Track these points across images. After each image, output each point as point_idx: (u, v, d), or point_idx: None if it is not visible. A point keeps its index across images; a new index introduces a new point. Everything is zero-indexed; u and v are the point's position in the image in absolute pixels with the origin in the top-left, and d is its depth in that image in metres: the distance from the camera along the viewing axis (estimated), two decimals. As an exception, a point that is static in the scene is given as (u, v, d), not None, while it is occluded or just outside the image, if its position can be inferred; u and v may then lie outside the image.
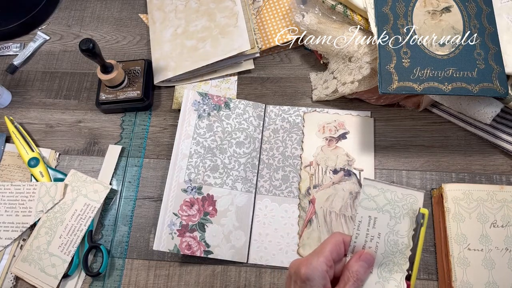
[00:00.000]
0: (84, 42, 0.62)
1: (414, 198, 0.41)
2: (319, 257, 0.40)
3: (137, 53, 0.79)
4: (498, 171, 0.64)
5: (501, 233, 0.55)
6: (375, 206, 0.42)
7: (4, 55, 0.81)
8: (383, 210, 0.42)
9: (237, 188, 0.64)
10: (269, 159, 0.67)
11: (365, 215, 0.42)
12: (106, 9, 0.84)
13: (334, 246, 0.42)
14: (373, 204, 0.42)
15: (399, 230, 0.42)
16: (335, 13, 0.65)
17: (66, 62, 0.80)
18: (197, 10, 0.76)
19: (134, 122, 0.73)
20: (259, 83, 0.74)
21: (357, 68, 0.62)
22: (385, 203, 0.42)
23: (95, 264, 0.63)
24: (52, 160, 0.70)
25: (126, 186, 0.68)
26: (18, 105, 0.76)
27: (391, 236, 0.42)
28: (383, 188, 0.42)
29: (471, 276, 0.54)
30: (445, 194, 0.58)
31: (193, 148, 0.66)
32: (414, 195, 0.41)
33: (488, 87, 0.55)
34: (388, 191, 0.42)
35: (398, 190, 0.42)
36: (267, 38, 0.75)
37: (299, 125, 0.69)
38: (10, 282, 0.62)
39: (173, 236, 0.61)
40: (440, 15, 0.59)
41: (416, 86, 0.55)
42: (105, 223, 0.66)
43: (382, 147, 0.67)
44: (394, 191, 0.42)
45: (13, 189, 0.66)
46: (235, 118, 0.69)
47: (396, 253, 0.42)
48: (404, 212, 0.42)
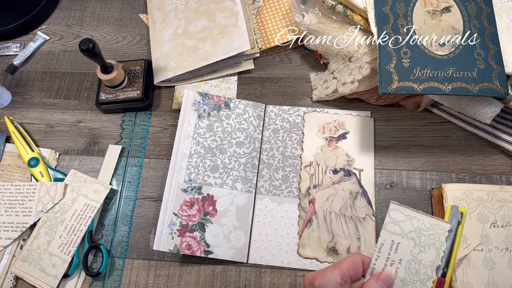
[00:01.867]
0: (84, 42, 0.62)
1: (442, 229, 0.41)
2: (334, 270, 0.40)
3: (137, 53, 0.79)
4: (498, 171, 0.64)
5: (501, 233, 0.55)
6: (400, 232, 0.42)
7: (4, 55, 0.81)
8: (407, 236, 0.41)
9: (237, 188, 0.64)
10: (269, 159, 0.67)
11: (388, 239, 0.42)
12: (106, 9, 0.84)
13: (352, 264, 0.41)
14: (398, 229, 0.42)
15: (422, 259, 0.41)
16: (335, 13, 0.65)
17: (66, 62, 0.80)
18: (197, 10, 0.77)
19: (134, 122, 0.73)
20: (259, 83, 0.74)
21: (357, 68, 0.62)
22: (410, 230, 0.41)
23: (95, 264, 0.63)
24: (52, 160, 0.70)
25: (126, 186, 0.68)
26: (18, 105, 0.76)
27: (413, 264, 0.41)
28: (410, 215, 0.41)
29: (471, 276, 0.54)
30: (445, 194, 0.58)
31: (193, 148, 0.66)
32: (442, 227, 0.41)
33: (488, 87, 0.55)
34: (415, 219, 0.41)
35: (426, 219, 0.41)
36: (267, 38, 0.75)
37: (299, 125, 0.69)
38: (10, 282, 0.62)
39: (173, 236, 0.61)
40: (440, 15, 0.59)
41: (416, 86, 0.55)
42: (105, 223, 0.66)
43: (382, 147, 0.67)
44: (422, 219, 0.41)
45: (13, 189, 0.66)
46: (235, 118, 0.69)
47: (416, 282, 0.41)
48: (430, 242, 0.41)
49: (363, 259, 0.42)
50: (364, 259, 0.42)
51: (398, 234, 0.42)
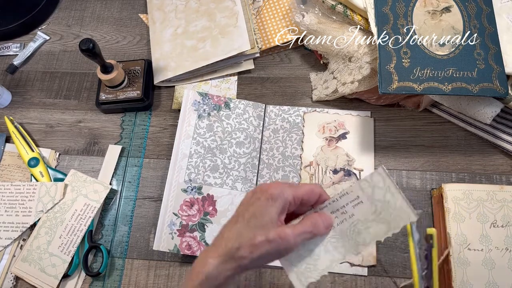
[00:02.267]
0: (84, 42, 0.62)
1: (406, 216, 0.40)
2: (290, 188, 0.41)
3: (137, 53, 0.79)
4: (498, 171, 0.64)
5: (501, 233, 0.55)
6: (370, 194, 0.42)
7: (4, 55, 0.81)
8: (373, 202, 0.41)
9: (237, 188, 0.64)
10: (269, 159, 0.67)
11: (356, 193, 0.42)
12: (106, 9, 0.84)
13: (310, 192, 0.42)
14: (369, 191, 0.42)
15: (370, 228, 0.41)
16: (335, 13, 0.65)
17: (66, 62, 0.80)
18: (197, 10, 0.77)
19: (134, 122, 0.73)
20: (259, 83, 0.74)
21: (357, 68, 0.62)
22: (379, 199, 0.41)
23: (95, 264, 0.63)
24: (52, 160, 0.70)
25: (126, 186, 0.68)
26: (18, 105, 0.76)
27: (361, 226, 0.42)
28: (389, 187, 0.41)
29: (471, 276, 0.54)
30: (445, 194, 0.58)
31: (193, 148, 0.66)
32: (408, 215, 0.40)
33: (488, 87, 0.55)
34: (389, 193, 0.41)
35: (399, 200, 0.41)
36: (267, 38, 0.75)
37: (299, 125, 0.69)
38: (10, 282, 0.62)
39: (173, 236, 0.61)
40: (440, 15, 0.59)
41: (416, 86, 0.55)
42: (105, 223, 0.66)
43: (382, 147, 0.67)
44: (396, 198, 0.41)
45: (13, 189, 0.66)
46: (235, 118, 0.69)
47: (351, 241, 0.42)
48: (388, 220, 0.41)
49: (321, 193, 0.43)
50: (323, 194, 0.43)
51: (366, 195, 0.42)
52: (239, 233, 0.40)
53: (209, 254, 0.40)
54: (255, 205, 0.40)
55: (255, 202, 0.40)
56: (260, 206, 0.40)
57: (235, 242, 0.39)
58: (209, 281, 0.39)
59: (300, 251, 0.43)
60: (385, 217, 0.41)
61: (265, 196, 0.40)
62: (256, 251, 0.38)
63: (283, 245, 0.39)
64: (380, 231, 0.41)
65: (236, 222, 0.41)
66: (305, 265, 0.42)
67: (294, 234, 0.39)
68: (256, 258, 0.39)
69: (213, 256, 0.39)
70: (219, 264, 0.39)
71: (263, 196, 0.40)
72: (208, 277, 0.39)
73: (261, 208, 0.40)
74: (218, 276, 0.39)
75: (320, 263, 0.42)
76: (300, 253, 0.43)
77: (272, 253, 0.39)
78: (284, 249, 0.39)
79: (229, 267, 0.39)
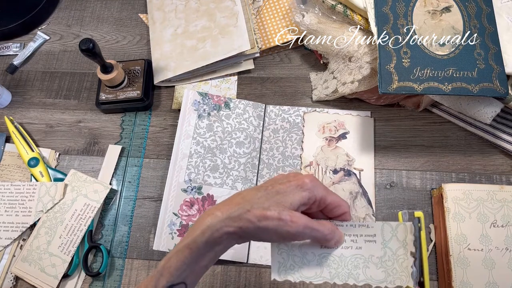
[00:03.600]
0: (84, 42, 0.62)
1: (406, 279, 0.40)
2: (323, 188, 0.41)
3: (137, 53, 0.79)
4: (498, 171, 0.64)
5: (501, 233, 0.55)
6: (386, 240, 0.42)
7: (4, 55, 0.81)
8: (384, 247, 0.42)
9: (237, 188, 0.64)
10: (269, 159, 0.67)
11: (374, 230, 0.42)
12: (106, 9, 0.84)
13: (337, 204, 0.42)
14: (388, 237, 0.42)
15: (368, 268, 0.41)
16: (335, 13, 0.65)
17: (66, 62, 0.80)
18: (197, 10, 0.77)
19: (134, 122, 0.73)
20: (259, 83, 0.74)
21: (357, 68, 0.62)
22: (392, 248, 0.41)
23: (95, 264, 0.63)
24: (52, 160, 0.70)
25: (126, 186, 0.68)
26: (18, 105, 0.76)
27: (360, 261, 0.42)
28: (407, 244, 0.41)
29: (471, 276, 0.54)
30: (445, 194, 0.58)
31: (193, 148, 0.66)
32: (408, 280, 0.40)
33: (488, 87, 0.55)
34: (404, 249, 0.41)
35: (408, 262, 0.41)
36: (267, 38, 0.75)
37: (299, 125, 0.69)
38: (10, 282, 0.62)
39: (173, 236, 0.61)
40: (440, 15, 0.59)
41: (416, 86, 0.55)
42: (105, 223, 0.66)
43: (382, 147, 0.67)
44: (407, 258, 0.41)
45: (13, 189, 0.66)
46: (235, 118, 0.69)
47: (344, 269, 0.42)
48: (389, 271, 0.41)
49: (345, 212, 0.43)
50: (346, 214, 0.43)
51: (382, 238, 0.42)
52: (256, 199, 0.40)
53: (218, 207, 0.40)
54: (283, 185, 0.40)
55: (284, 183, 0.40)
56: (287, 187, 0.40)
57: (248, 204, 0.39)
58: (210, 230, 0.39)
59: (295, 248, 0.43)
60: (388, 267, 0.41)
61: (296, 182, 0.40)
62: (264, 221, 0.38)
63: (290, 229, 0.38)
64: (376, 277, 0.41)
65: (257, 190, 0.41)
66: (291, 263, 0.42)
67: (305, 225, 0.39)
68: (261, 229, 0.39)
69: (222, 210, 0.39)
70: (225, 219, 0.39)
71: (294, 181, 0.40)
72: (210, 226, 0.39)
73: (287, 189, 0.40)
74: (219, 229, 0.39)
75: (306, 270, 0.42)
76: (294, 250, 0.43)
77: (277, 232, 0.39)
78: (288, 233, 0.39)
79: (233, 224, 0.39)
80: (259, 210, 0.39)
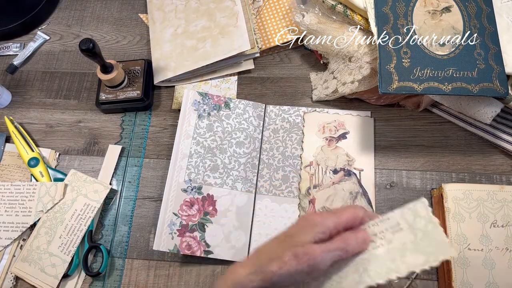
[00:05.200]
0: (84, 42, 0.62)
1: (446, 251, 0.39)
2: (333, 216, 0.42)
3: (137, 53, 0.79)
4: (498, 171, 0.64)
5: (501, 233, 0.55)
6: (411, 222, 0.41)
7: (4, 55, 0.81)
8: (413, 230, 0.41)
9: (237, 188, 0.64)
10: (269, 159, 0.67)
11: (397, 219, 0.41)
12: (106, 9, 0.84)
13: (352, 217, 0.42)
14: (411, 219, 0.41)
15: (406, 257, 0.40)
16: (335, 13, 0.65)
17: (66, 62, 0.80)
18: (197, 10, 0.77)
19: (134, 122, 0.73)
20: (259, 83, 0.74)
21: (357, 68, 0.62)
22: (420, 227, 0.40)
23: (95, 264, 0.63)
24: (52, 160, 0.70)
25: (126, 186, 0.68)
26: (18, 105, 0.76)
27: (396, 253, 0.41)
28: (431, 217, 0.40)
29: (471, 276, 0.54)
30: (445, 194, 0.58)
31: (193, 148, 0.66)
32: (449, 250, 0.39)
33: (488, 87, 0.55)
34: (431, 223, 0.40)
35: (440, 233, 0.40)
36: (267, 38, 0.75)
37: (299, 125, 0.69)
38: (10, 282, 0.62)
39: (173, 236, 0.61)
40: (440, 15, 0.59)
41: (416, 86, 0.55)
42: (105, 223, 0.66)
43: (382, 147, 0.67)
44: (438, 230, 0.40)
45: (13, 189, 0.66)
46: (235, 118, 0.69)
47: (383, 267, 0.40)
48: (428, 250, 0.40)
49: (363, 217, 0.43)
50: (365, 218, 0.43)
51: (407, 223, 0.41)
52: (273, 249, 0.42)
53: (242, 264, 0.43)
54: (295, 228, 0.43)
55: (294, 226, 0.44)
56: (299, 229, 0.42)
57: (265, 256, 0.42)
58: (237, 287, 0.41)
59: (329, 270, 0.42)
60: (424, 247, 0.40)
61: (307, 222, 0.42)
62: (284, 267, 0.40)
63: (310, 262, 0.39)
64: (417, 261, 0.40)
65: (271, 241, 0.44)
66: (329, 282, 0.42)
67: (321, 250, 0.40)
68: (285, 275, 0.40)
69: (244, 267, 0.42)
70: (248, 275, 0.41)
71: (306, 222, 0.43)
72: (235, 285, 0.41)
73: (299, 231, 0.42)
74: (245, 285, 0.41)
75: (346, 283, 0.41)
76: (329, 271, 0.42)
77: (301, 271, 0.40)
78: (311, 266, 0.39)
79: (257, 278, 0.41)
80: (277, 259, 0.40)
